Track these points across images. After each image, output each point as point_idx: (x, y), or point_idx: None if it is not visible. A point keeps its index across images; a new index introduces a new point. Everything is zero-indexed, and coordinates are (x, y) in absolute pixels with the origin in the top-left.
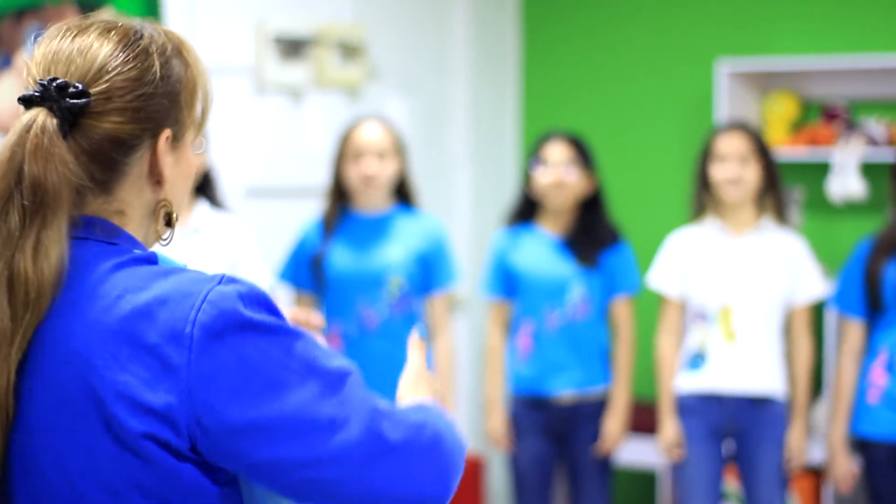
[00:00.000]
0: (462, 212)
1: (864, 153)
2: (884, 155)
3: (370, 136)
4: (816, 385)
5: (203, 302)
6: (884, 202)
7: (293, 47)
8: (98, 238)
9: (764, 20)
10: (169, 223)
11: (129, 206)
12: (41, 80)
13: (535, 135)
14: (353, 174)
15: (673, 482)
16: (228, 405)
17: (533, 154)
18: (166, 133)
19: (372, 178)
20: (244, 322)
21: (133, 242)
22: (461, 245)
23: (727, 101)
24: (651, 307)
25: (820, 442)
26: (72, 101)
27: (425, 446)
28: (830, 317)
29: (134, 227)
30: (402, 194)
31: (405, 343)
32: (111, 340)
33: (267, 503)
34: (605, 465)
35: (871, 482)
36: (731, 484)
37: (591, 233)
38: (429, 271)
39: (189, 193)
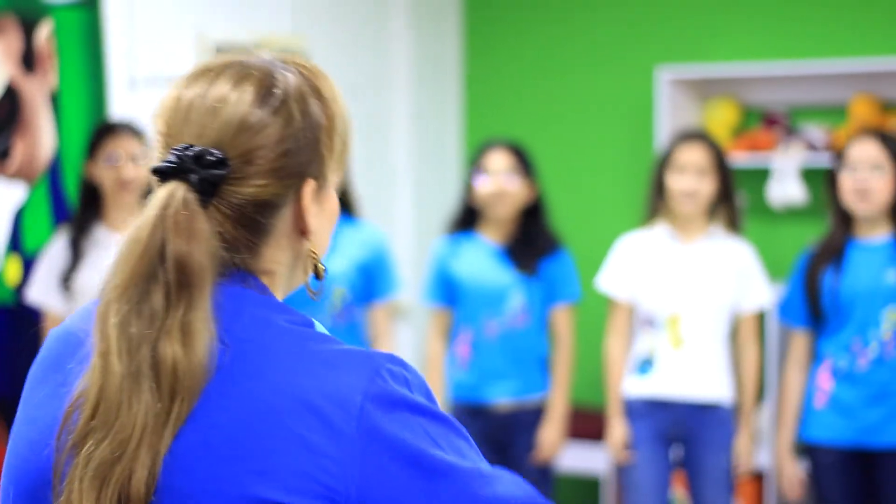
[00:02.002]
0: (404, 220)
1: (803, 159)
2: (823, 160)
3: None
4: (759, 392)
5: (375, 375)
6: (824, 207)
7: None
8: (253, 294)
9: (704, 28)
10: (317, 274)
11: (276, 263)
12: (175, 149)
13: (476, 143)
14: None
15: (620, 486)
16: (394, 484)
17: (474, 163)
18: (311, 185)
19: None
20: (412, 404)
21: (281, 307)
22: (403, 253)
23: (668, 108)
24: (596, 313)
25: (763, 447)
26: (210, 171)
27: None
28: (772, 324)
29: (281, 283)
30: (344, 204)
31: None
32: (273, 397)
33: None
34: (545, 473)
35: (818, 486)
36: (679, 490)
37: (531, 241)
38: (371, 281)
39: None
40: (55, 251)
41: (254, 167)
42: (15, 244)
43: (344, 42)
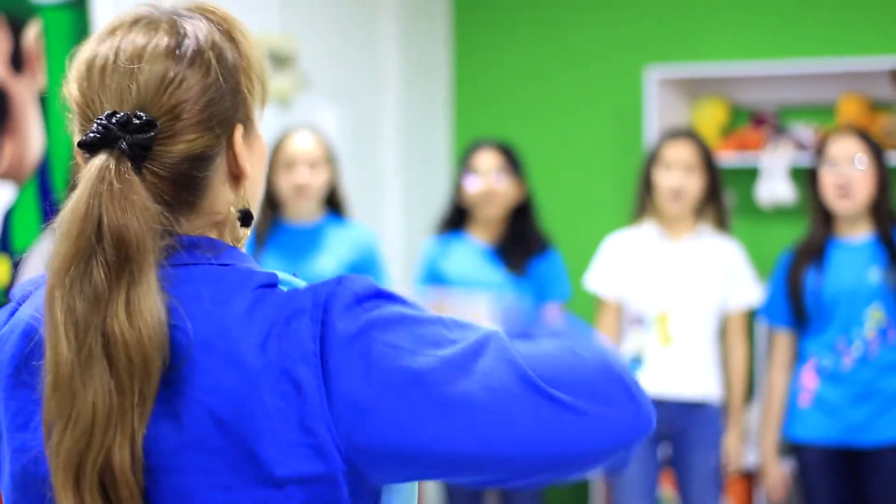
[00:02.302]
0: (393, 220)
1: (792, 158)
2: (812, 160)
3: (301, 145)
4: (748, 391)
5: (323, 313)
6: None
7: None
8: (208, 261)
9: (692, 28)
10: (246, 222)
11: (219, 215)
12: (100, 119)
13: (465, 143)
14: (285, 184)
15: (608, 485)
16: (375, 414)
17: (463, 163)
18: (240, 130)
19: (303, 187)
20: (367, 324)
21: (242, 257)
22: (392, 253)
23: (657, 108)
24: (585, 312)
25: (752, 446)
26: (138, 135)
27: (601, 374)
28: (761, 324)
29: (227, 233)
30: (333, 204)
31: None
32: (243, 373)
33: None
34: None
35: (804, 485)
36: (667, 489)
37: (520, 241)
38: None
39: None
40: (44, 251)
41: (181, 122)
42: (4, 244)
43: (334, 43)
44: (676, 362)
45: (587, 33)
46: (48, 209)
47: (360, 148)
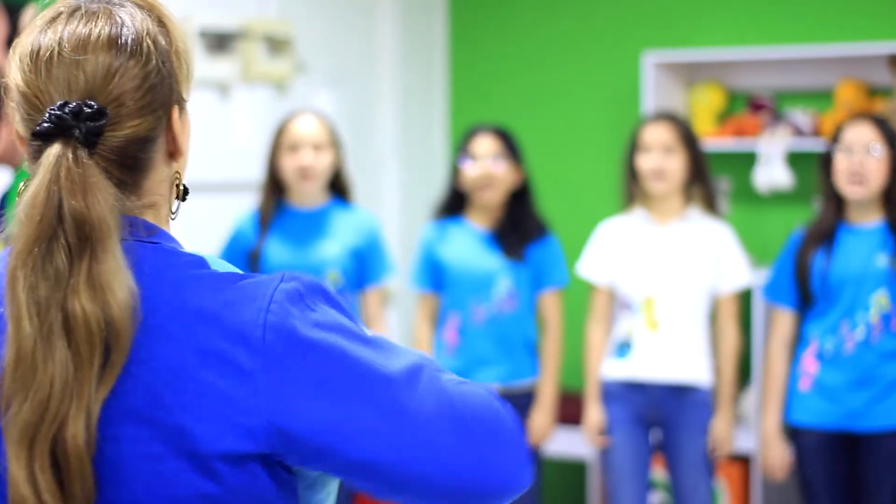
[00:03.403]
0: (391, 205)
1: (789, 143)
2: (809, 145)
3: (306, 128)
4: (744, 374)
5: (270, 303)
6: (810, 192)
7: (219, 42)
8: (143, 239)
9: (690, 13)
10: (179, 195)
11: (157, 194)
12: (52, 109)
13: (463, 128)
14: (289, 166)
15: (601, 469)
16: (310, 406)
17: (461, 148)
18: (175, 110)
19: (307, 169)
20: (313, 318)
21: (172, 239)
22: (390, 238)
23: (654, 93)
24: (580, 298)
25: (748, 430)
26: (91, 123)
27: (503, 427)
28: (758, 306)
29: (164, 212)
30: (338, 189)
31: None
32: (177, 349)
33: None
34: (533, 457)
35: (803, 470)
36: (659, 474)
37: (518, 226)
38: (364, 266)
39: None
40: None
41: (126, 109)
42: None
43: (330, 28)
44: (664, 347)
45: (585, 19)
46: None
47: (357, 133)
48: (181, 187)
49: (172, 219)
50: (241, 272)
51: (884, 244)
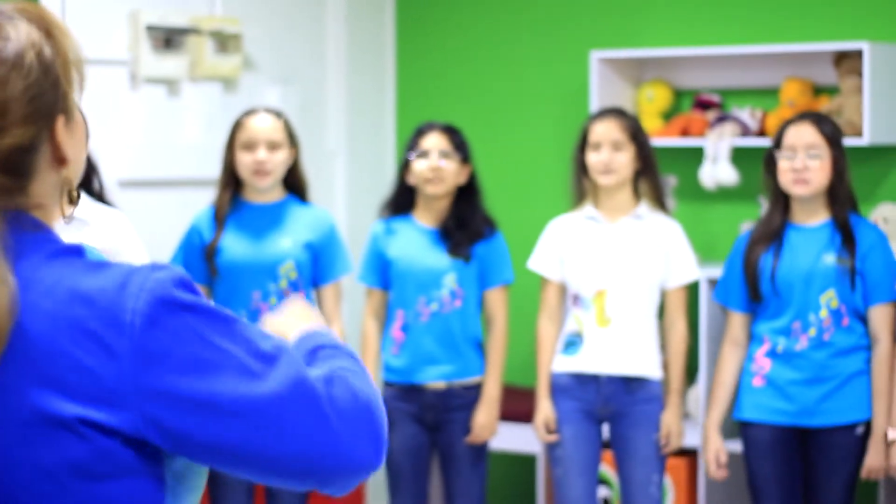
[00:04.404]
0: (339, 202)
1: (735, 141)
2: (755, 142)
3: (262, 124)
4: (691, 370)
5: (139, 290)
6: (755, 189)
7: (167, 39)
8: (26, 230)
9: (638, 12)
10: (71, 200)
11: (44, 197)
12: None
13: (411, 126)
14: (244, 163)
15: (549, 463)
16: (172, 389)
17: (409, 144)
18: (60, 120)
19: (262, 166)
20: (181, 305)
21: (53, 231)
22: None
23: (601, 92)
24: (529, 295)
25: (695, 426)
26: None
27: (362, 410)
28: (705, 303)
29: (51, 213)
30: (294, 186)
31: None
32: (49, 325)
33: (191, 481)
34: (480, 453)
35: (752, 465)
36: (607, 469)
37: (465, 224)
38: (320, 262)
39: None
40: None
41: (8, 119)
42: None
43: (278, 25)
44: (615, 341)
45: (533, 17)
46: None
47: (306, 130)
48: (71, 193)
49: (65, 222)
50: (115, 262)
51: (830, 242)
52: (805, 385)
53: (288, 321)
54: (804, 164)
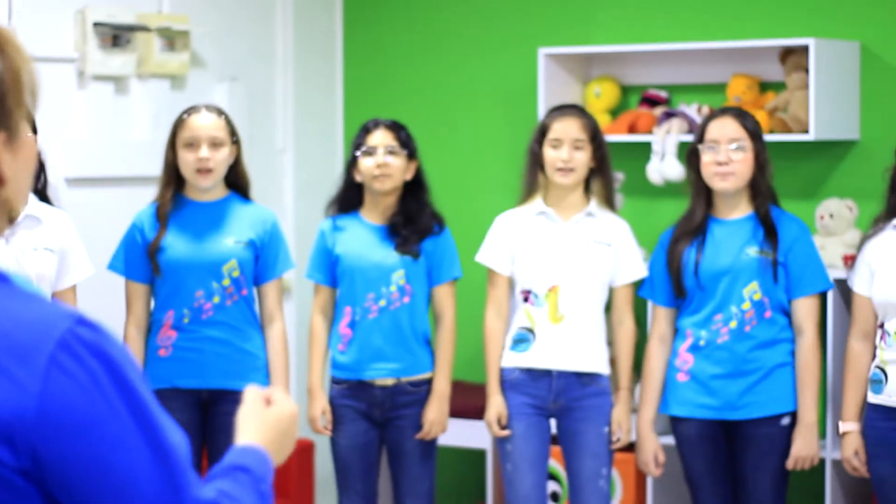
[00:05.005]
0: (286, 200)
1: (682, 137)
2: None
3: (204, 122)
4: (638, 366)
5: (61, 336)
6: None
7: (115, 36)
8: None
9: (585, 9)
10: (11, 220)
11: None
12: None
13: (359, 123)
14: (186, 162)
15: (499, 458)
16: (66, 444)
17: (356, 141)
18: (1, 137)
19: (204, 163)
20: (96, 369)
21: None
22: (286, 233)
23: (549, 88)
24: (475, 291)
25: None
26: None
27: None
28: (649, 301)
29: None
30: (236, 184)
31: (239, 330)
32: None
33: None
34: (429, 449)
35: (685, 460)
36: (558, 464)
37: (413, 220)
38: (262, 259)
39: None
40: None
41: None
42: None
43: (225, 22)
44: (566, 337)
45: (482, 14)
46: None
47: (253, 127)
48: (12, 213)
49: (4, 241)
50: (41, 296)
51: (753, 235)
52: (727, 379)
53: (242, 424)
54: (728, 157)
